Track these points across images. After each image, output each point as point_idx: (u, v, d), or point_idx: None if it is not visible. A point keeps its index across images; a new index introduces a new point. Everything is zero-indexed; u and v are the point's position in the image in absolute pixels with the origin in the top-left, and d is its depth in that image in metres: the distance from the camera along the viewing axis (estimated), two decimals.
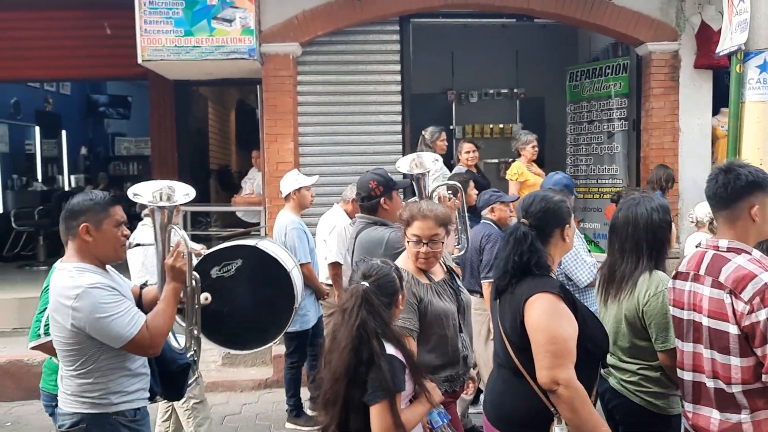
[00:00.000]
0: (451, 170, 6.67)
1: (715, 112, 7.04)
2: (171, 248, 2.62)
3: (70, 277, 2.42)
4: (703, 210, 4.98)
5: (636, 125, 7.34)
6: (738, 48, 5.64)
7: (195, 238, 7.43)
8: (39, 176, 11.73)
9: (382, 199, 3.58)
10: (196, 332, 2.71)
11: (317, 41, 6.84)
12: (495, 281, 2.48)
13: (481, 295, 4.56)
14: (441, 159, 6.31)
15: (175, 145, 7.70)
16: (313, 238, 5.09)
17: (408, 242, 2.93)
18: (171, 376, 2.81)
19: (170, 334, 2.73)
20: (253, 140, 7.65)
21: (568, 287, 2.68)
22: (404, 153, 7.11)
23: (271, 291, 3.82)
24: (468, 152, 6.63)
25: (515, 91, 9.87)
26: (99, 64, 7.74)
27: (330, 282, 5.12)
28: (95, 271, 2.47)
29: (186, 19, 6.10)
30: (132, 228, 2.72)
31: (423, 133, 6.58)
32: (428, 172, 3.90)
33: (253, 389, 5.65)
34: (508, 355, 2.36)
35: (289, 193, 4.98)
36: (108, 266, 2.62)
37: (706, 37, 6.71)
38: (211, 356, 6.07)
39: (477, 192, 5.26)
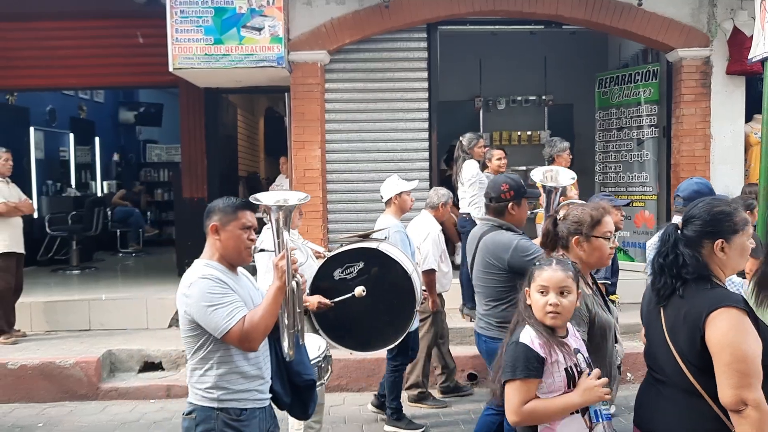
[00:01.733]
0: None
1: (749, 118, 6.92)
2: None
3: (192, 269, 2.59)
4: None
5: (666, 132, 7.24)
6: None
7: None
8: (72, 182, 11.99)
9: (510, 204, 3.64)
10: (301, 341, 2.75)
11: (345, 49, 6.90)
12: (654, 286, 2.36)
13: None
14: (478, 165, 6.37)
15: (205, 151, 7.79)
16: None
17: (596, 239, 2.77)
18: (297, 390, 2.83)
19: (304, 346, 2.80)
20: (282, 147, 7.73)
21: None
22: (431, 160, 7.13)
23: (392, 293, 3.91)
24: (499, 159, 6.64)
25: (543, 97, 9.81)
26: (132, 72, 7.88)
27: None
28: (219, 269, 2.58)
29: (216, 27, 6.20)
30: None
31: (461, 139, 6.55)
32: (561, 188, 3.90)
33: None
34: (680, 373, 2.22)
35: (390, 198, 4.97)
36: (240, 270, 2.72)
37: (739, 42, 6.60)
38: None
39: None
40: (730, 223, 2.29)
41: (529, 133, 9.87)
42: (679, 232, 2.30)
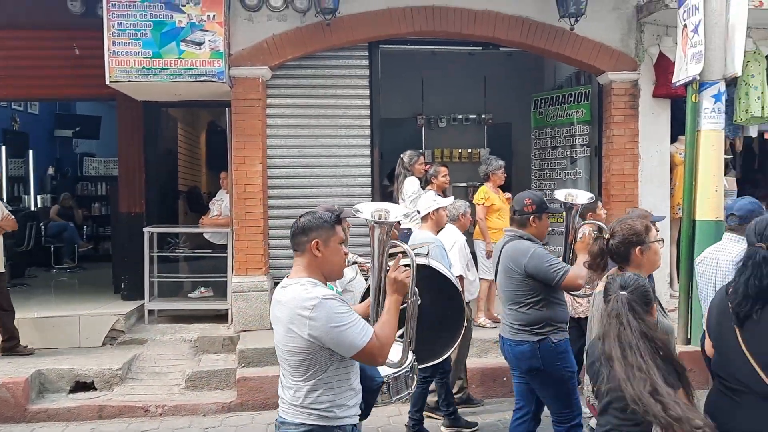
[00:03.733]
0: None
1: (674, 139, 7.25)
2: (387, 265, 2.75)
3: (304, 290, 2.51)
4: None
5: (598, 151, 7.53)
6: (693, 78, 5.86)
7: (163, 260, 7.40)
8: (4, 196, 11.55)
9: (531, 217, 3.91)
10: (411, 346, 2.82)
11: (287, 65, 6.92)
12: (734, 307, 2.53)
13: None
14: (418, 182, 6.49)
15: (143, 166, 7.65)
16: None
17: (653, 244, 2.98)
18: (365, 393, 2.90)
19: None
20: (224, 162, 7.66)
21: None
22: (373, 176, 7.20)
23: (440, 308, 3.92)
24: (445, 175, 6.81)
25: (483, 116, 10.05)
26: (68, 84, 7.68)
27: None
28: (322, 285, 2.60)
29: (154, 41, 6.14)
30: None
31: (402, 156, 6.68)
32: (581, 206, 4.09)
33: (216, 413, 5.60)
34: (760, 381, 2.43)
35: (428, 213, 5.11)
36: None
37: (664, 67, 6.93)
38: (174, 379, 6.01)
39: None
40: None
41: (469, 150, 10.09)
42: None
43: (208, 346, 6.54)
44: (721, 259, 4.00)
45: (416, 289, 2.72)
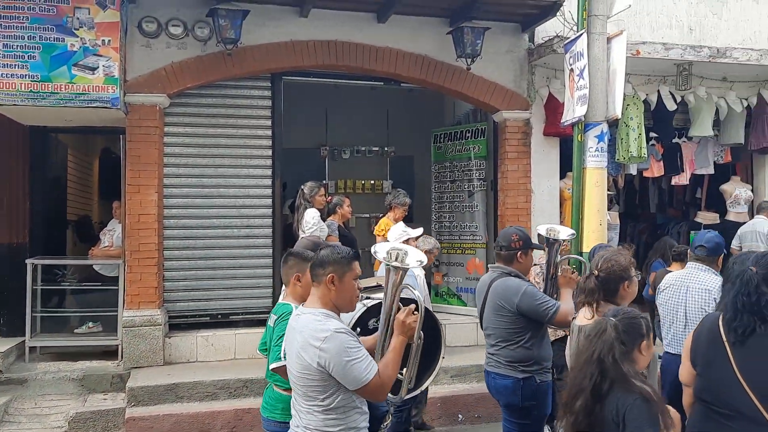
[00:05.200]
0: None
1: (563, 175, 7.66)
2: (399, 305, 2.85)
3: (317, 320, 2.66)
4: None
5: (493, 186, 7.83)
6: (579, 119, 6.24)
7: (48, 293, 6.95)
8: None
9: (519, 253, 3.91)
10: (412, 384, 2.96)
11: (187, 93, 6.79)
12: (731, 324, 2.57)
13: None
14: (318, 214, 6.48)
15: (28, 193, 7.21)
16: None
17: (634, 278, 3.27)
18: (371, 421, 3.02)
19: None
20: (118, 190, 7.35)
21: None
22: (274, 207, 7.14)
23: (425, 339, 3.88)
24: (349, 205, 6.89)
25: (386, 149, 10.24)
26: None
27: None
28: (335, 317, 2.73)
29: (44, 64, 5.87)
30: None
31: (302, 187, 6.65)
32: (562, 241, 4.16)
33: None
34: (754, 408, 2.44)
35: None
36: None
37: (553, 107, 7.36)
38: (56, 421, 5.63)
39: None
40: None
41: (372, 182, 10.25)
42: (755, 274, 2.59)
43: (96, 384, 6.19)
44: (692, 287, 4.28)
45: (422, 333, 2.84)
